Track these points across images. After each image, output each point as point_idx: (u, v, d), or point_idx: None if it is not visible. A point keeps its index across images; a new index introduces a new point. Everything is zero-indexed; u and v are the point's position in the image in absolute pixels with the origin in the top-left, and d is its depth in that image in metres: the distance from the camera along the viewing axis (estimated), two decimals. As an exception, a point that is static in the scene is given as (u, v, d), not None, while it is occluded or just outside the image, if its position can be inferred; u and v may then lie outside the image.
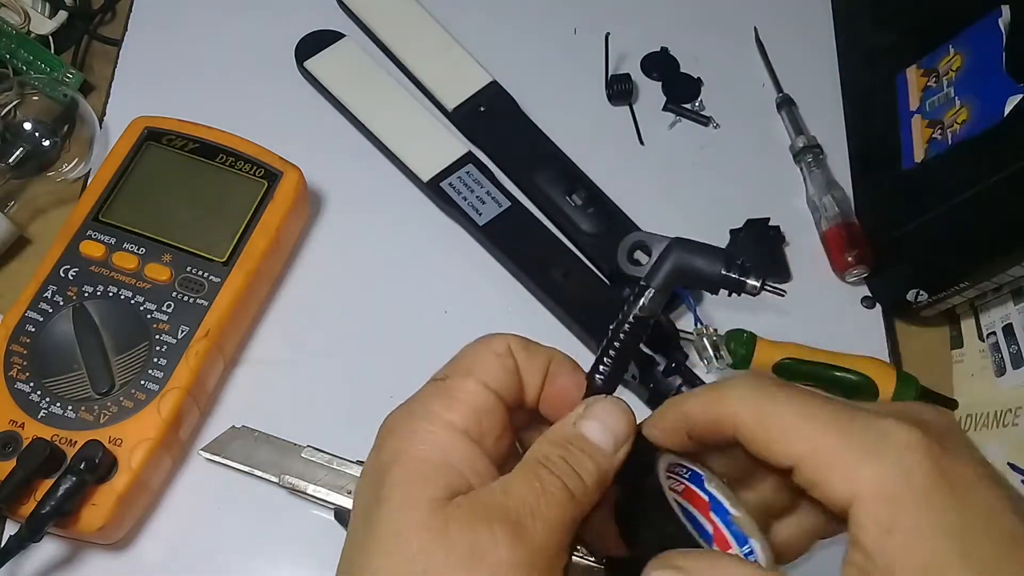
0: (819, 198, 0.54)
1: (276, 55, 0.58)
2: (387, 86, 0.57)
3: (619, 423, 0.27)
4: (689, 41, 0.61)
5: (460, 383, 0.28)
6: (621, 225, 0.53)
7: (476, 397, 0.28)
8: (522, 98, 0.57)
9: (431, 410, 0.27)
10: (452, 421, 0.27)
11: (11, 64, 0.56)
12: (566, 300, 0.50)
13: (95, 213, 0.47)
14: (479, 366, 0.28)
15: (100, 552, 0.44)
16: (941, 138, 0.50)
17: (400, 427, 0.27)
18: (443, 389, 0.28)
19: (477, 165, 0.54)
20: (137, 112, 0.51)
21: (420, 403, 0.28)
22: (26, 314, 0.44)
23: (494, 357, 0.28)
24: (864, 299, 0.53)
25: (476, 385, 0.28)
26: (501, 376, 0.28)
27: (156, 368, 0.44)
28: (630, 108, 0.59)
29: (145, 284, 0.46)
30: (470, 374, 0.28)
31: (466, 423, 0.27)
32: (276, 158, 0.50)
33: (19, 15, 0.56)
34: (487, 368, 0.28)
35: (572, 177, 0.54)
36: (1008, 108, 0.45)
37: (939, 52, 0.52)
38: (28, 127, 0.52)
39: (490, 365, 0.28)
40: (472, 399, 0.27)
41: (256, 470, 0.44)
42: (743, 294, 0.31)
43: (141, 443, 0.42)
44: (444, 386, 0.28)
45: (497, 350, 0.29)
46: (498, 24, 0.61)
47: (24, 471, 0.40)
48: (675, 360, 0.47)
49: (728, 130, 0.59)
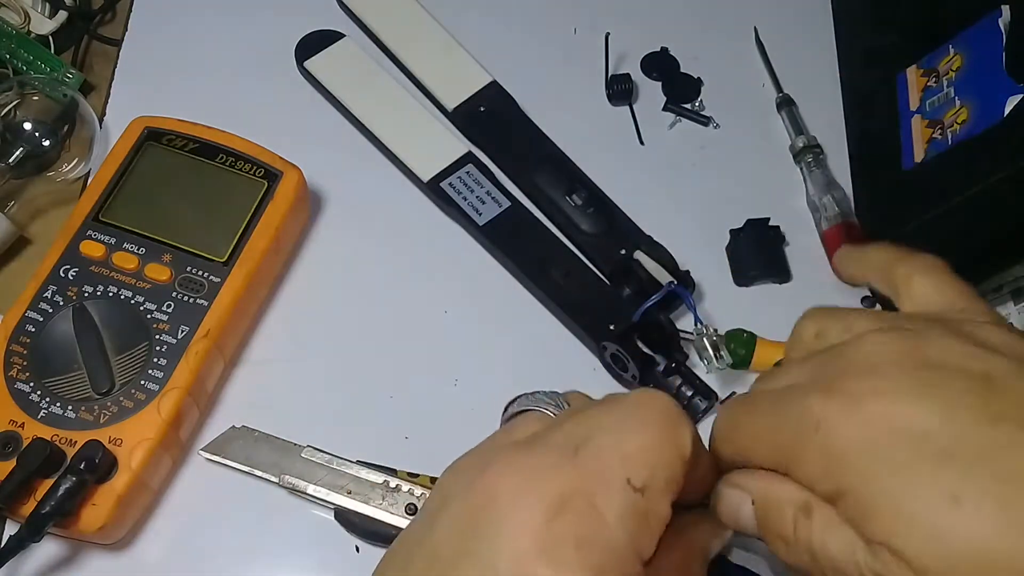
0: (819, 198, 0.54)
1: (276, 55, 0.58)
2: (387, 86, 0.57)
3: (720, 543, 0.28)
4: (689, 41, 0.61)
5: (657, 506, 0.24)
6: (621, 225, 0.53)
7: (663, 522, 0.24)
8: (522, 98, 0.57)
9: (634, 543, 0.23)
10: (641, 554, 0.24)
11: (11, 64, 0.56)
12: (566, 300, 0.50)
13: (95, 213, 0.47)
14: (674, 479, 0.25)
15: (100, 552, 0.44)
16: (941, 138, 0.50)
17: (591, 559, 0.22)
18: (642, 513, 0.23)
19: (477, 165, 0.54)
20: (137, 112, 0.51)
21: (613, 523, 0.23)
22: (26, 314, 0.44)
23: (682, 465, 0.25)
24: (864, 299, 0.53)
25: (666, 507, 0.24)
26: (680, 487, 0.25)
27: (156, 368, 0.44)
28: (630, 108, 0.59)
29: (145, 284, 0.46)
30: (668, 492, 0.24)
31: (650, 556, 0.24)
32: (276, 158, 0.50)
33: (19, 15, 0.56)
34: (678, 481, 0.25)
35: (572, 177, 0.54)
36: (1008, 108, 0.45)
37: (939, 52, 0.52)
38: (28, 127, 0.52)
39: (679, 475, 0.25)
40: (661, 526, 0.24)
41: (256, 470, 0.44)
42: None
43: (141, 443, 0.42)
44: (643, 507, 0.24)
45: (685, 453, 0.25)
46: (498, 24, 0.61)
47: (24, 471, 0.40)
48: (675, 360, 0.47)
49: (728, 130, 0.59)
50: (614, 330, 0.48)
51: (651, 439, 0.24)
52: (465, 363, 0.49)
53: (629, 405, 0.26)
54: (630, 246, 0.51)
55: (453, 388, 0.49)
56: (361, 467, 0.44)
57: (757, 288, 0.53)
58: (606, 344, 0.48)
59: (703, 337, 0.48)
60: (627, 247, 0.51)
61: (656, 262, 0.50)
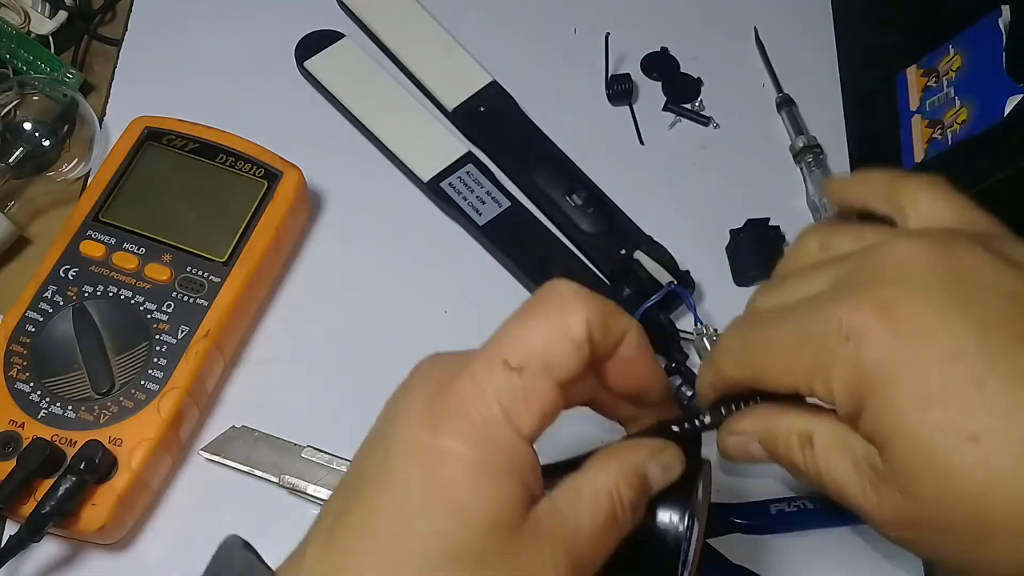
0: (819, 198, 0.54)
1: (276, 55, 0.58)
2: (387, 86, 0.57)
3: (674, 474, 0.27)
4: (689, 41, 0.61)
5: (537, 384, 0.25)
6: (621, 225, 0.53)
7: (552, 402, 0.25)
8: (522, 98, 0.57)
9: (510, 413, 0.24)
10: (528, 432, 0.24)
11: (11, 64, 0.56)
12: (566, 300, 0.50)
13: (95, 213, 0.47)
14: (558, 361, 0.25)
15: (100, 552, 0.44)
16: (941, 138, 0.50)
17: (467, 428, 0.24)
18: (520, 390, 0.24)
19: (477, 165, 0.54)
20: (137, 112, 0.51)
21: (493, 397, 0.24)
22: (26, 314, 0.44)
23: (574, 349, 0.25)
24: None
25: (553, 389, 0.25)
26: (576, 371, 0.25)
27: (156, 368, 0.44)
28: (630, 108, 0.59)
29: (145, 284, 0.46)
30: (548, 371, 0.25)
31: (535, 431, 0.25)
32: (276, 158, 0.50)
33: (19, 15, 0.56)
34: (566, 364, 0.25)
35: (572, 177, 0.54)
36: (1008, 108, 0.46)
37: (939, 52, 0.52)
38: (28, 127, 0.52)
39: (569, 359, 0.25)
40: (547, 406, 0.25)
41: (256, 470, 0.44)
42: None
43: (141, 443, 0.42)
44: (520, 385, 0.24)
45: (576, 336, 0.25)
46: (498, 24, 0.61)
47: (24, 471, 0.40)
48: (675, 360, 0.47)
49: (728, 130, 0.59)
50: (614, 330, 0.48)
51: (533, 323, 0.26)
52: (465, 363, 0.49)
53: (532, 297, 0.27)
54: (630, 246, 0.51)
55: (453, 388, 0.49)
56: (361, 467, 0.44)
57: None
58: (606, 344, 0.48)
59: (703, 337, 0.48)
60: (627, 247, 0.51)
61: (656, 262, 0.50)
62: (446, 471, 0.24)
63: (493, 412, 0.24)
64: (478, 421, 0.24)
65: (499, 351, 0.25)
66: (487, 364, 0.25)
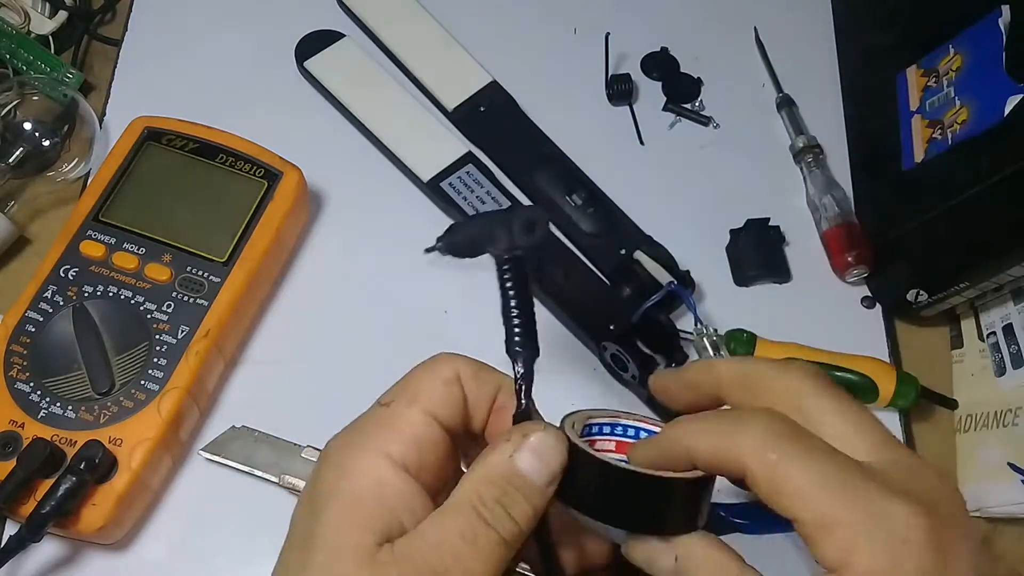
0: (819, 198, 0.54)
1: (276, 55, 0.58)
2: (387, 86, 0.57)
3: (555, 456, 0.26)
4: (689, 41, 0.61)
5: (403, 411, 0.27)
6: (621, 225, 0.53)
7: (419, 428, 0.27)
8: (522, 98, 0.57)
9: (370, 441, 0.27)
10: (391, 454, 0.26)
11: (11, 64, 0.56)
12: (566, 300, 0.50)
13: (95, 213, 0.47)
14: (425, 394, 0.27)
15: (100, 552, 0.44)
16: (941, 138, 0.50)
17: (339, 459, 0.27)
18: (386, 417, 0.27)
19: (477, 165, 0.54)
20: (137, 112, 0.51)
21: (360, 431, 0.27)
22: (26, 314, 0.44)
23: (441, 385, 0.28)
24: (864, 299, 0.53)
25: (420, 415, 0.27)
26: (447, 405, 0.27)
27: (156, 368, 0.44)
28: (630, 108, 0.59)
29: (145, 284, 0.46)
30: (415, 402, 0.27)
31: (405, 456, 0.26)
32: (276, 158, 0.50)
33: (19, 15, 0.56)
34: (433, 396, 0.27)
35: (572, 177, 0.54)
36: (1008, 108, 0.45)
37: (939, 52, 0.52)
38: (28, 127, 0.53)
39: (436, 393, 0.27)
40: (414, 430, 0.27)
41: (256, 470, 0.44)
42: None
43: (141, 443, 0.42)
44: (387, 414, 0.27)
45: (445, 376, 0.28)
46: (498, 24, 0.61)
47: (24, 471, 0.40)
48: (675, 360, 0.47)
49: (728, 130, 0.59)
50: (614, 330, 0.48)
51: (409, 374, 0.29)
52: (465, 363, 0.49)
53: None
54: (630, 246, 0.51)
55: (453, 388, 0.49)
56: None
57: (757, 288, 0.53)
58: (606, 344, 0.48)
59: (703, 337, 0.48)
60: (627, 247, 0.51)
61: (656, 262, 0.50)
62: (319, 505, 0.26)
63: (359, 440, 0.27)
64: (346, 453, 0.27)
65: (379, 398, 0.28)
66: (370, 408, 0.28)
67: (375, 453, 0.26)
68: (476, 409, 0.28)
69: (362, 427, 0.27)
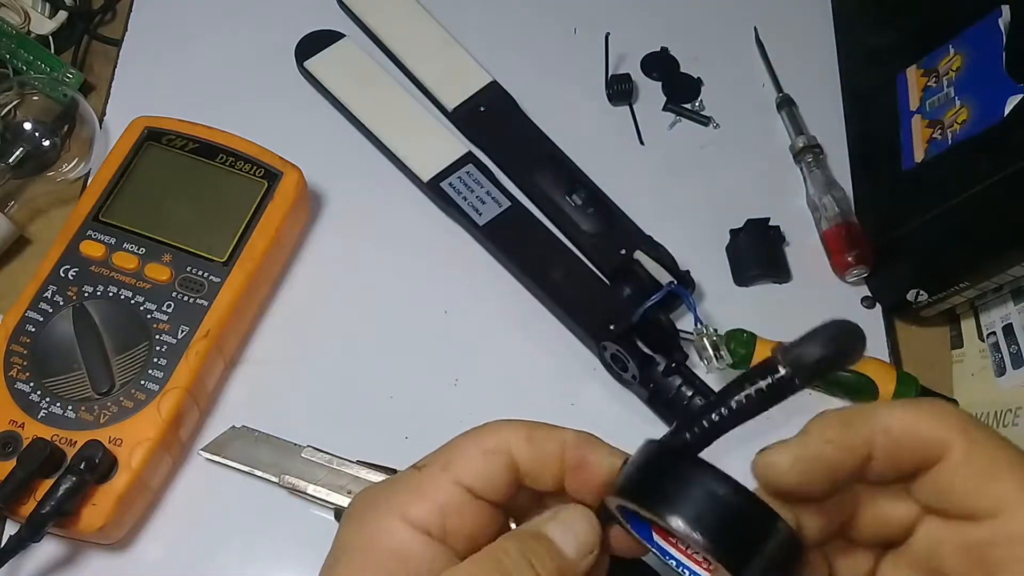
0: (819, 198, 0.54)
1: (276, 55, 0.58)
2: (387, 86, 0.57)
3: (585, 531, 0.26)
4: (689, 41, 0.61)
5: (432, 478, 0.27)
6: (621, 225, 0.53)
7: (446, 496, 0.27)
8: (522, 98, 0.57)
9: (393, 502, 0.27)
10: (410, 516, 0.26)
11: (11, 64, 0.56)
12: (566, 300, 0.50)
13: (95, 213, 0.47)
14: (459, 462, 0.27)
15: (100, 552, 0.44)
16: (941, 138, 0.50)
17: (360, 515, 0.27)
18: (414, 481, 0.27)
19: (477, 165, 0.54)
20: (137, 112, 0.51)
21: (387, 491, 0.27)
22: (26, 314, 0.44)
23: (480, 454, 0.27)
24: (864, 299, 0.53)
25: (448, 483, 0.27)
26: (483, 474, 0.27)
27: (156, 368, 0.44)
28: (630, 108, 0.59)
29: (145, 284, 0.46)
30: (446, 469, 0.27)
31: (427, 521, 0.26)
32: (276, 158, 0.50)
33: (19, 15, 0.56)
34: (467, 465, 0.27)
35: (572, 177, 0.54)
36: (1008, 108, 0.45)
37: (939, 52, 0.52)
38: (28, 127, 0.53)
39: (472, 462, 0.27)
40: (440, 497, 0.27)
41: (256, 470, 0.44)
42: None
43: (141, 443, 0.42)
44: (417, 477, 0.28)
45: (486, 446, 0.28)
46: (498, 24, 0.61)
47: (24, 471, 0.40)
48: (675, 360, 0.47)
49: (728, 130, 0.59)
50: (614, 330, 0.48)
51: (452, 440, 0.28)
52: (465, 363, 0.49)
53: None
54: (630, 246, 0.51)
55: (453, 388, 0.49)
56: (361, 467, 0.44)
57: (757, 288, 0.53)
58: (606, 344, 0.48)
59: (703, 337, 0.48)
60: (627, 247, 0.51)
61: (656, 262, 0.50)
62: (336, 559, 0.27)
63: (383, 500, 0.27)
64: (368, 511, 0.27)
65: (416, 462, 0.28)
66: (405, 469, 0.28)
67: (395, 515, 0.27)
68: (540, 469, 0.28)
69: (390, 487, 0.28)
